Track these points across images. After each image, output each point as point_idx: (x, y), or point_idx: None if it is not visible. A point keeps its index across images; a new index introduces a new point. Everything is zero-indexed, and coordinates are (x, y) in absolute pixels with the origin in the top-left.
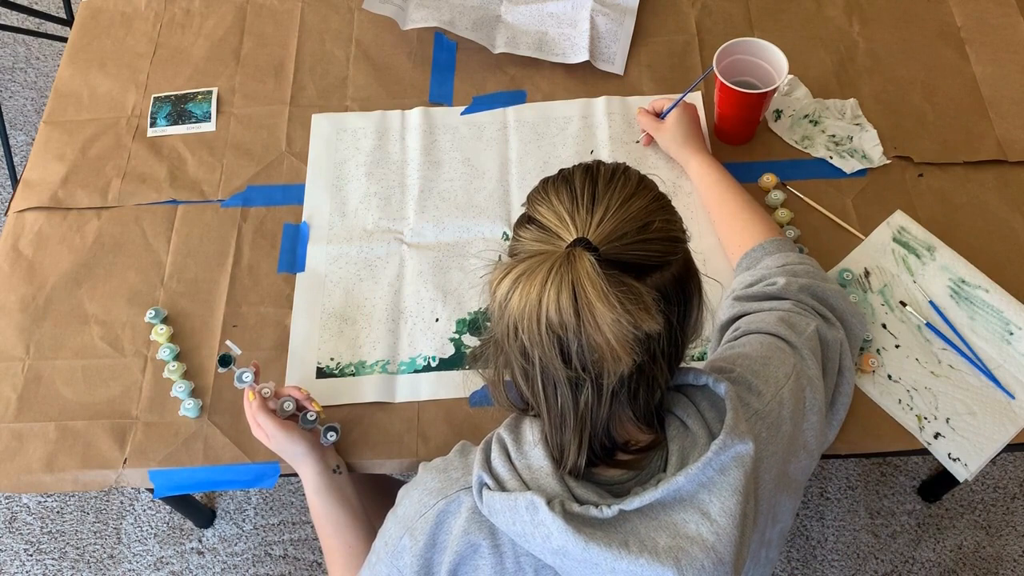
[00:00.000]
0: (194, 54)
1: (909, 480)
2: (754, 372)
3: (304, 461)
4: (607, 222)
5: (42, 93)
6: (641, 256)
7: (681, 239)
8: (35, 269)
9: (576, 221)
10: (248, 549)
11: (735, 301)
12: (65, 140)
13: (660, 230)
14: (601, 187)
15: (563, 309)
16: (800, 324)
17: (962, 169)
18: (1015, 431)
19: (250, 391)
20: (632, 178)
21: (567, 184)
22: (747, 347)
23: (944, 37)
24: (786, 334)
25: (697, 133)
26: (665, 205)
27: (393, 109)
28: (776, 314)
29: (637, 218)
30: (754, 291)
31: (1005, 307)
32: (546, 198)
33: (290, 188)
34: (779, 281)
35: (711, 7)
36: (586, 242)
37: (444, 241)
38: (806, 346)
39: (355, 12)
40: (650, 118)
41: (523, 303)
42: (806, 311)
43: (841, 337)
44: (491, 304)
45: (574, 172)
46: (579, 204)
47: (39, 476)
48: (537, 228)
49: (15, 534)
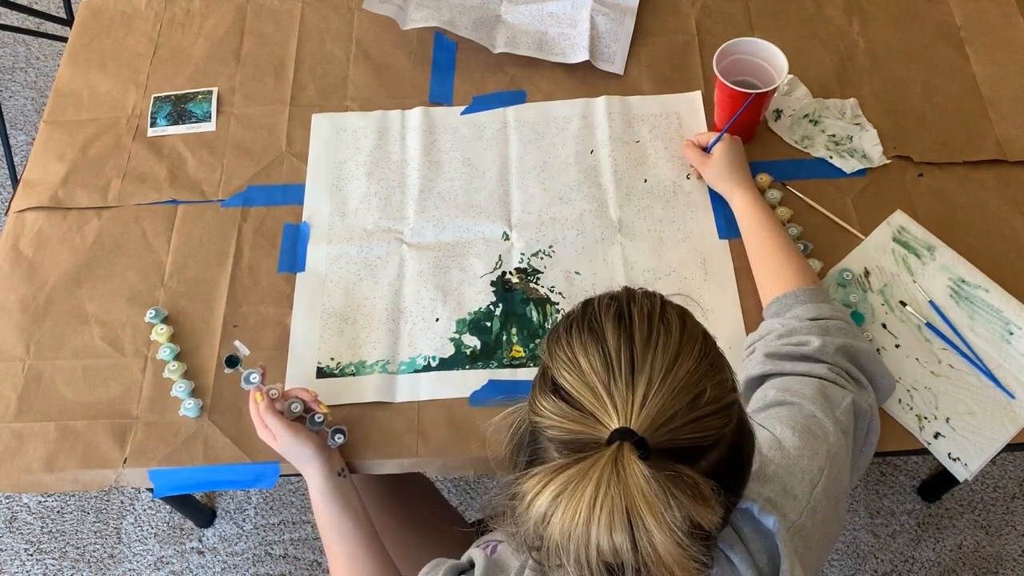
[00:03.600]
0: (194, 54)
1: (909, 480)
2: (788, 469)
3: (311, 463)
4: (653, 400)
5: (42, 93)
6: (695, 439)
7: (735, 401)
8: (35, 269)
9: (615, 399)
10: (248, 549)
11: (766, 358)
12: (65, 140)
13: (713, 400)
14: (639, 347)
15: (616, 540)
16: (836, 397)
17: (962, 169)
18: (1015, 431)
19: (257, 392)
20: (672, 326)
21: (596, 340)
22: (779, 430)
23: (944, 37)
24: (822, 414)
25: (743, 167)
26: (714, 361)
27: (393, 109)
28: (812, 386)
29: (686, 388)
30: (787, 349)
31: (1005, 307)
32: (572, 359)
33: (290, 188)
34: (814, 342)
35: (711, 7)
36: (632, 435)
37: (444, 241)
38: (841, 424)
39: (355, 12)
40: (697, 152)
41: (567, 530)
42: (841, 376)
43: (872, 401)
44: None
45: (603, 319)
46: (616, 374)
47: (39, 476)
48: (567, 404)
49: (15, 534)
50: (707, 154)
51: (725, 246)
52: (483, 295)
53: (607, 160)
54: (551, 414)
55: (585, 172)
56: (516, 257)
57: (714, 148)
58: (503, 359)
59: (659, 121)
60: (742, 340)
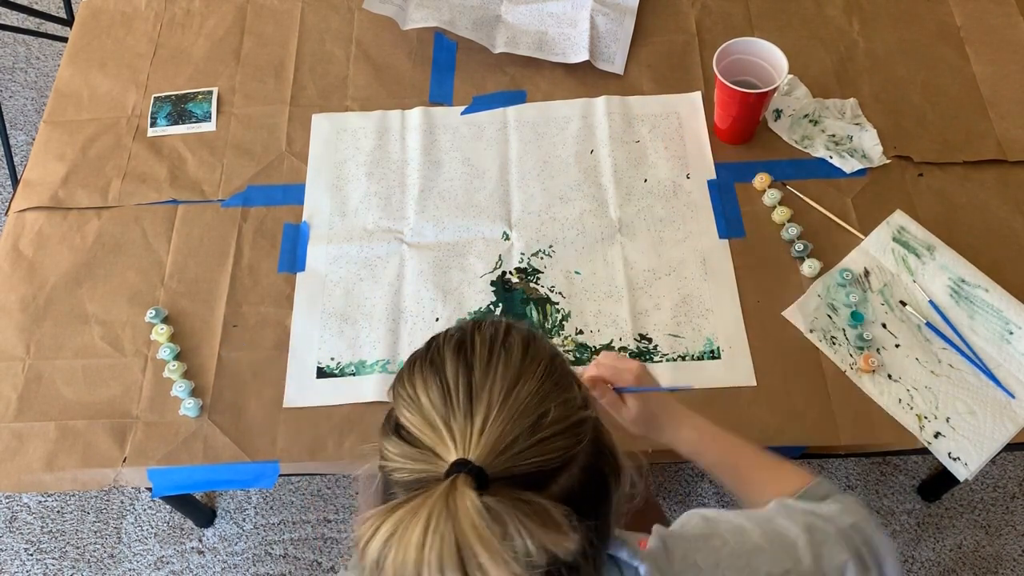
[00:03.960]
0: (194, 54)
1: (909, 479)
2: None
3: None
4: (492, 427)
5: (42, 93)
6: (540, 463)
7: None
8: (35, 269)
9: (453, 431)
10: (248, 548)
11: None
12: (65, 140)
13: (557, 420)
14: (478, 375)
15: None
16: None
17: (962, 169)
18: (1015, 430)
19: None
20: (514, 349)
21: (436, 373)
22: (749, 524)
23: (944, 37)
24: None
25: (665, 399)
26: (559, 380)
27: (393, 109)
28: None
29: (527, 411)
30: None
31: (1005, 307)
32: (413, 396)
33: (290, 188)
34: (832, 507)
35: (711, 7)
36: (468, 465)
37: (444, 241)
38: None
39: (355, 12)
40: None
41: (399, 573)
42: (844, 543)
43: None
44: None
45: (444, 352)
46: (453, 404)
47: (39, 475)
48: (407, 444)
49: (15, 533)
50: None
51: (725, 246)
52: (483, 295)
53: (607, 160)
54: (395, 456)
55: (585, 172)
56: (516, 257)
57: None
58: None
59: (659, 121)
60: (742, 340)
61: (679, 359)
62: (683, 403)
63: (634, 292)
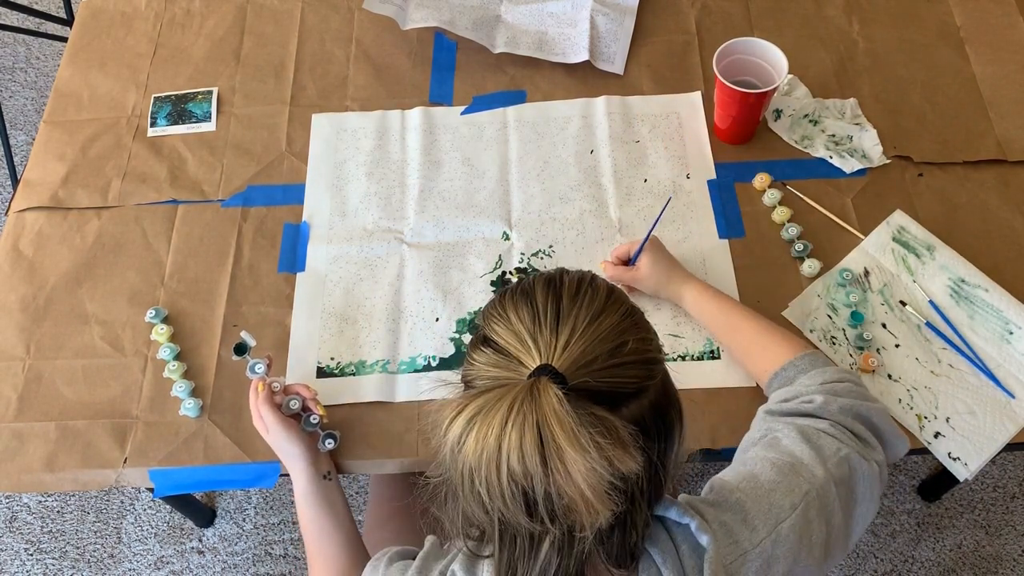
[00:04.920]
0: (194, 54)
1: (909, 479)
2: (756, 499)
3: (297, 463)
4: (575, 344)
5: (42, 93)
6: (615, 384)
7: (658, 360)
8: (35, 269)
9: (539, 344)
10: (248, 548)
11: (767, 415)
12: (65, 140)
13: (635, 351)
14: (566, 303)
15: (527, 455)
16: (828, 447)
17: (962, 169)
18: (1015, 430)
19: (260, 382)
20: (600, 291)
21: (527, 299)
22: (758, 466)
23: (944, 37)
24: (807, 456)
25: (674, 264)
26: (639, 321)
27: (393, 109)
28: (802, 430)
29: (608, 338)
30: (788, 407)
31: (1005, 307)
32: (504, 315)
33: (290, 188)
34: (816, 399)
35: (711, 7)
36: (551, 370)
37: (444, 241)
38: (830, 473)
39: (355, 12)
40: (622, 270)
41: (479, 449)
42: (842, 434)
43: (877, 466)
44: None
45: (535, 284)
46: (542, 323)
47: (39, 475)
48: (494, 351)
49: (15, 533)
50: (632, 267)
51: (725, 246)
52: (483, 295)
53: (607, 160)
54: (480, 364)
55: (585, 172)
56: (516, 257)
57: (639, 259)
58: None
59: (659, 121)
60: None
61: (679, 359)
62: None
63: (634, 290)
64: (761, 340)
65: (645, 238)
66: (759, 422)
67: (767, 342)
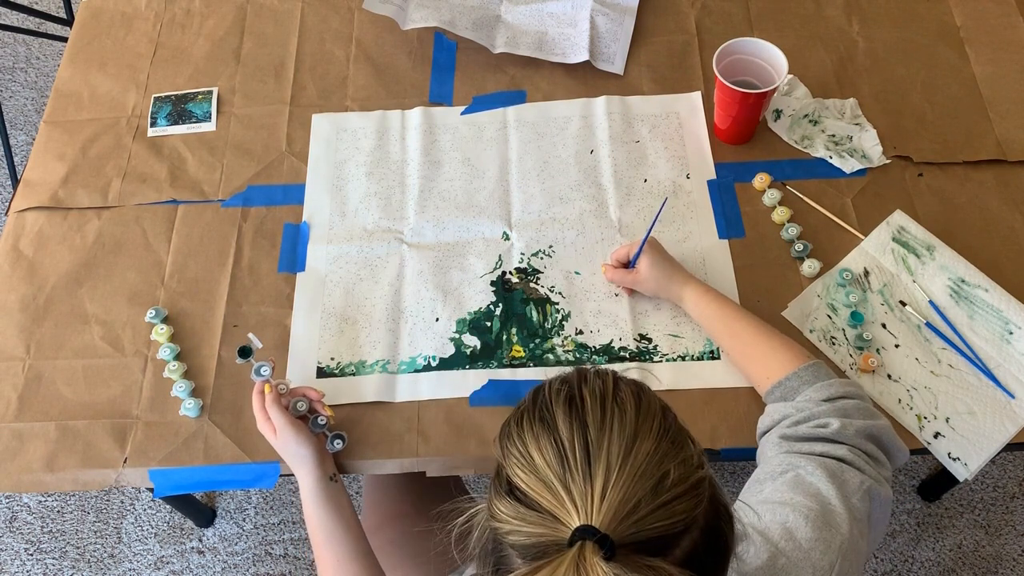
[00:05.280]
0: (194, 54)
1: (909, 479)
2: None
3: (305, 465)
4: (613, 491)
5: (42, 93)
6: (662, 528)
7: (703, 479)
8: (35, 269)
9: (574, 494)
10: (248, 548)
11: (782, 441)
12: (65, 140)
13: (677, 481)
14: (593, 433)
15: None
16: (852, 482)
17: (962, 169)
18: (1015, 430)
19: (266, 384)
20: (627, 405)
21: (548, 430)
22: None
23: (944, 37)
24: (833, 498)
25: (674, 265)
26: (675, 438)
27: (393, 109)
28: (827, 467)
29: (647, 473)
30: (803, 431)
31: (1005, 307)
32: (525, 454)
33: (290, 188)
34: (833, 424)
35: (711, 7)
36: (594, 532)
37: (444, 241)
38: (855, 512)
39: (355, 12)
40: (622, 273)
41: None
42: (859, 459)
43: (889, 489)
44: None
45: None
46: (571, 466)
47: (39, 475)
48: (523, 505)
49: (15, 533)
50: (632, 269)
51: (725, 246)
52: (483, 295)
53: (607, 160)
54: (509, 518)
55: (585, 172)
56: (516, 257)
57: (638, 262)
58: (503, 359)
59: (659, 121)
60: None
61: (679, 359)
62: (682, 402)
63: (634, 292)
64: (761, 347)
65: (643, 240)
66: (774, 448)
67: (767, 349)
